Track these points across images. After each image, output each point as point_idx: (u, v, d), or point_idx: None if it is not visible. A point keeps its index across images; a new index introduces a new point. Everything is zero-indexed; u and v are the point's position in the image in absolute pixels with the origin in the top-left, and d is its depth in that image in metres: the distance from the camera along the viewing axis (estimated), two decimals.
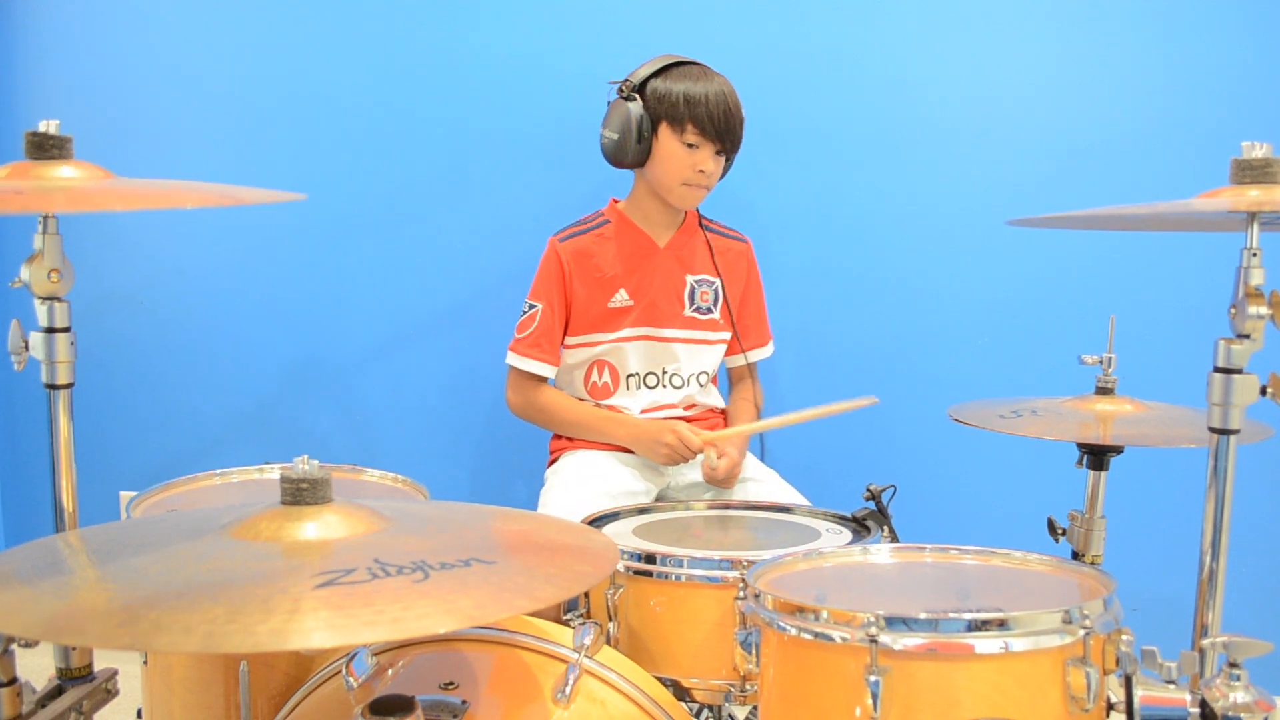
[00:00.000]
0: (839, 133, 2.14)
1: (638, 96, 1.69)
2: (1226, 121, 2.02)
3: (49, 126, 1.11)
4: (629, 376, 1.79)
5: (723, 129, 1.67)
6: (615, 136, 1.71)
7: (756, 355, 1.91)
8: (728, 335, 1.86)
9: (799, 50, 2.14)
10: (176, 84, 2.27)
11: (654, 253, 1.80)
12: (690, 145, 1.68)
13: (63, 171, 1.10)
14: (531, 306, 1.79)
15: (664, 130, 1.69)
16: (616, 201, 1.85)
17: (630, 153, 1.71)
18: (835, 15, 2.12)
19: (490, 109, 2.22)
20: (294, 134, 2.26)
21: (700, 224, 1.85)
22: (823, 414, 1.58)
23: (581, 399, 1.82)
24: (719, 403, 1.89)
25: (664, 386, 1.80)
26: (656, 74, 1.70)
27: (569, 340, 1.80)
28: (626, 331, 1.78)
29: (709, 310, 1.82)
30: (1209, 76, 2.03)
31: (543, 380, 1.80)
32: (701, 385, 1.84)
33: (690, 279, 1.81)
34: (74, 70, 2.30)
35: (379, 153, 2.25)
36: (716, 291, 1.83)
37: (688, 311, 1.81)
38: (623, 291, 1.78)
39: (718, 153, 1.70)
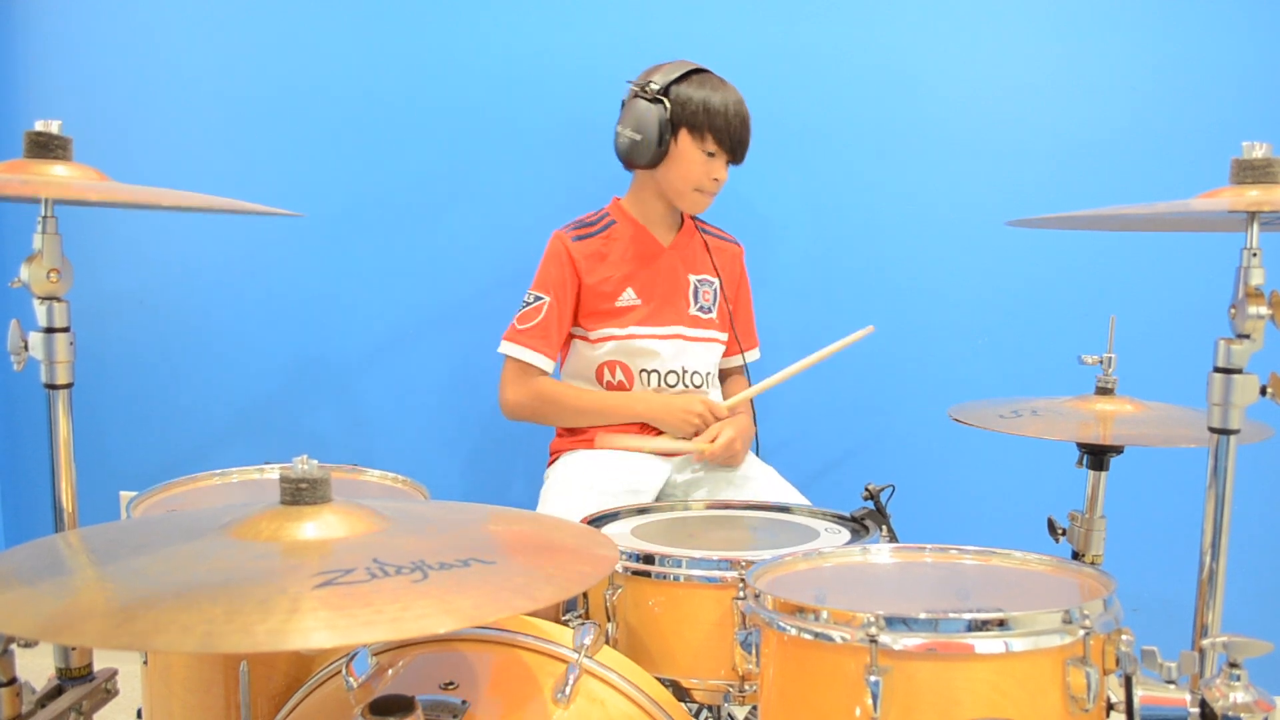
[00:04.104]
0: (838, 132, 2.14)
1: (663, 100, 1.70)
2: (1226, 121, 2.02)
3: (50, 126, 1.11)
4: (643, 372, 1.79)
5: (738, 140, 1.72)
6: (636, 137, 1.72)
7: (752, 356, 1.94)
8: (724, 336, 1.88)
9: (799, 50, 2.14)
10: (177, 83, 2.28)
11: (660, 252, 1.82)
12: (709, 154, 1.71)
13: (58, 171, 1.10)
14: (538, 298, 1.76)
15: (684, 136, 1.71)
16: (619, 199, 1.86)
17: (648, 155, 1.72)
18: (835, 15, 2.12)
19: (490, 109, 2.22)
20: (294, 135, 2.26)
21: (696, 226, 1.88)
22: (823, 356, 1.64)
23: None
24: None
25: (684, 385, 1.81)
26: (679, 80, 1.71)
27: (582, 332, 1.80)
28: (636, 329, 1.78)
29: (709, 310, 1.84)
30: (1209, 76, 2.04)
31: (543, 372, 1.77)
32: (712, 385, 1.86)
33: (693, 278, 1.83)
34: (74, 70, 2.30)
35: (378, 154, 2.25)
36: (715, 292, 1.86)
37: (692, 310, 1.83)
38: (630, 290, 1.78)
39: (729, 162, 1.75)
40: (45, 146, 1.11)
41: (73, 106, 2.29)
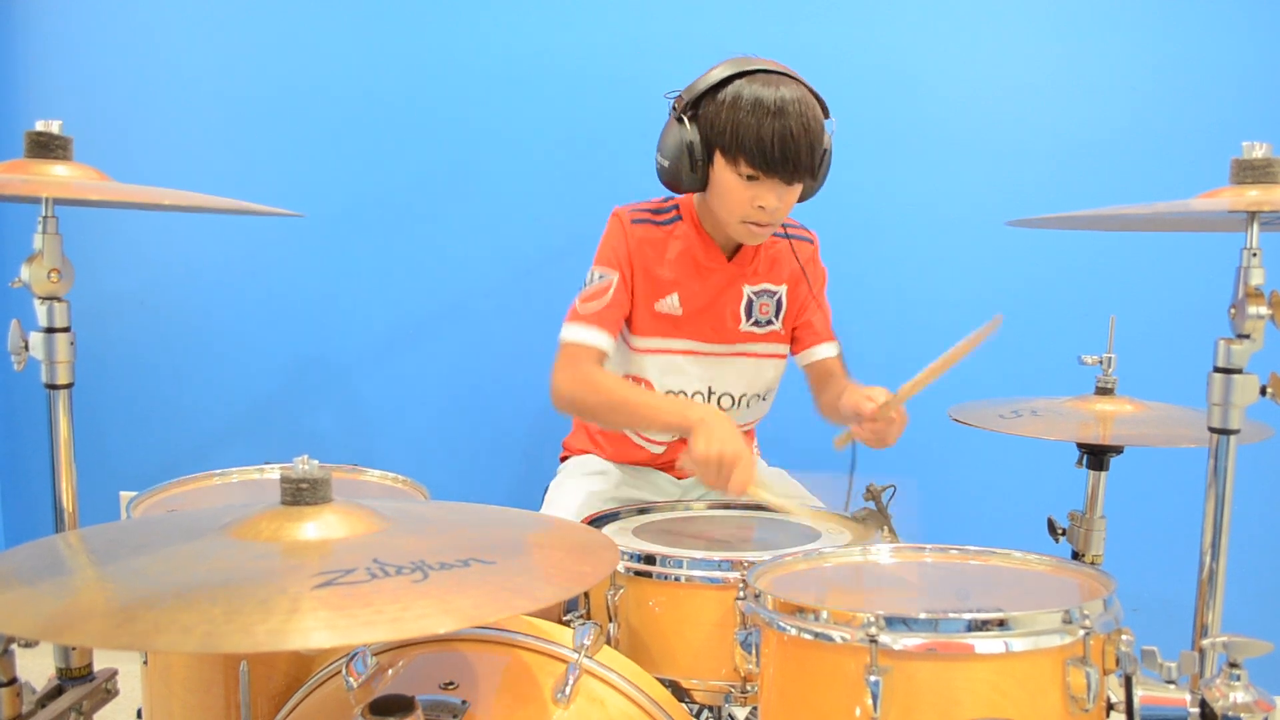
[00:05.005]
0: (839, 132, 2.14)
1: (686, 120, 1.46)
2: (1226, 121, 2.02)
3: (50, 126, 1.11)
4: (667, 393, 1.62)
5: (779, 159, 1.40)
6: (666, 163, 1.50)
7: (822, 352, 1.67)
8: (785, 348, 1.67)
9: (799, 50, 2.13)
10: (177, 83, 2.28)
11: (720, 266, 1.59)
12: (748, 178, 1.43)
13: (58, 171, 1.10)
14: (604, 275, 1.55)
15: (718, 159, 1.44)
16: (693, 196, 1.62)
17: (685, 181, 1.48)
18: (835, 15, 2.12)
19: (491, 109, 2.22)
20: (294, 135, 2.26)
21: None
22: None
23: None
24: (767, 409, 1.73)
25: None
26: (712, 90, 1.43)
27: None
28: (668, 343, 1.61)
29: (769, 322, 1.63)
30: (1209, 76, 2.04)
31: (601, 355, 1.53)
32: (748, 406, 1.66)
33: (748, 290, 1.61)
34: (74, 70, 2.30)
35: (379, 154, 2.25)
36: (778, 301, 1.63)
37: (745, 326, 1.62)
38: (675, 296, 1.58)
39: (788, 183, 1.44)
40: (46, 146, 1.11)
41: (73, 106, 2.29)
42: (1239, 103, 2.03)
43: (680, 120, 1.46)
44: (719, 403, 1.65)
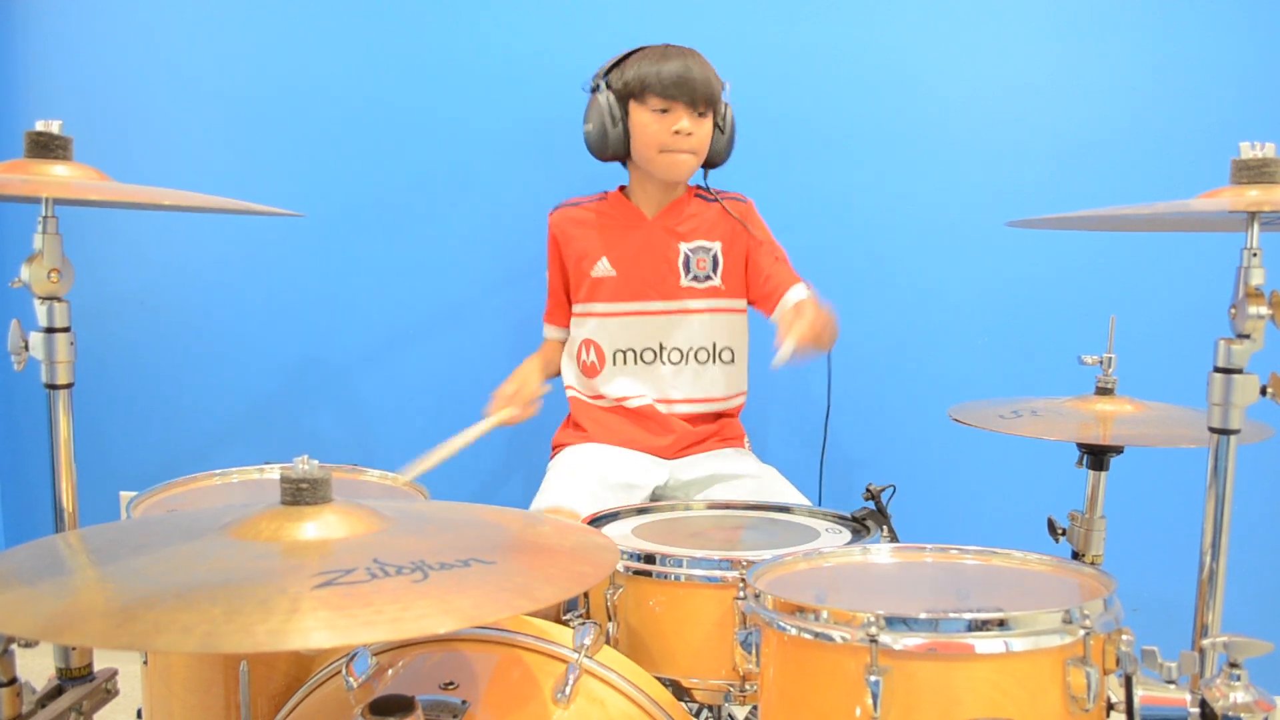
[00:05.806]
0: (838, 132, 2.14)
1: (604, 86, 1.73)
2: (1226, 121, 2.02)
3: (50, 126, 1.11)
4: (616, 353, 1.79)
5: (684, 86, 1.67)
6: (591, 128, 1.74)
7: (794, 296, 1.72)
8: (738, 302, 1.81)
9: (799, 50, 2.14)
10: (177, 83, 2.28)
11: (640, 223, 1.80)
12: (661, 111, 1.69)
13: (58, 171, 1.10)
14: (548, 275, 1.88)
15: (633, 108, 1.71)
16: (623, 186, 1.87)
17: (610, 140, 1.72)
18: (835, 15, 2.12)
19: (490, 109, 2.22)
20: (294, 135, 2.26)
21: (695, 193, 1.83)
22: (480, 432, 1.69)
23: (572, 384, 1.86)
24: (742, 385, 1.84)
25: (661, 362, 1.78)
26: (619, 62, 1.73)
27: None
28: (611, 305, 1.79)
29: (708, 278, 1.79)
30: (1209, 76, 2.04)
31: (553, 345, 1.90)
32: (701, 362, 1.79)
33: (684, 247, 1.78)
34: (74, 70, 2.30)
35: (378, 154, 2.25)
36: (715, 256, 1.79)
37: (685, 281, 1.78)
38: (605, 260, 1.79)
39: (699, 114, 1.70)
40: (46, 146, 1.11)
41: (73, 106, 2.29)
42: (1239, 103, 2.03)
43: (595, 91, 1.75)
44: (669, 358, 1.79)
